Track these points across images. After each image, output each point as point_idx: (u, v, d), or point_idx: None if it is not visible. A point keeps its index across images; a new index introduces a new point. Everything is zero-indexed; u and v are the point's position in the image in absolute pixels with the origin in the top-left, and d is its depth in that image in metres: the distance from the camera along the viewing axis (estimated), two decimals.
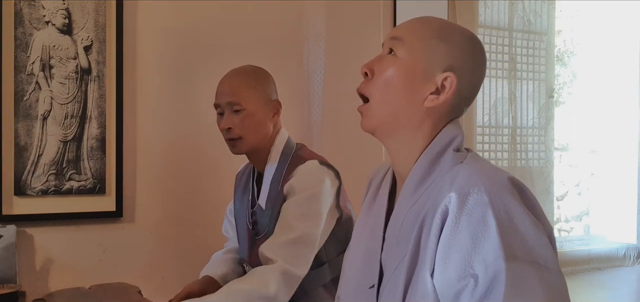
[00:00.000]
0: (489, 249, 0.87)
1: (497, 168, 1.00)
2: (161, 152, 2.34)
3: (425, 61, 1.03)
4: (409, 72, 1.03)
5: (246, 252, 1.82)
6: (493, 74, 3.14)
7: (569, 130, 3.76)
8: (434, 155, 1.03)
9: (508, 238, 0.87)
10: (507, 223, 0.89)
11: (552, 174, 3.36)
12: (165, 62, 2.34)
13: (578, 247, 3.61)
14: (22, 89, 2.11)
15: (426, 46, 1.03)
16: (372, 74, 1.06)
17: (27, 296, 2.04)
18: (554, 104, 3.40)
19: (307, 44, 2.59)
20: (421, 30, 1.05)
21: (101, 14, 2.22)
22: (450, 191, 0.93)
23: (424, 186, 1.02)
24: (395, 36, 1.06)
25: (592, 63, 3.78)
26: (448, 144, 1.04)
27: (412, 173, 1.04)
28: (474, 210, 0.90)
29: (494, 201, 0.90)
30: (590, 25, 3.73)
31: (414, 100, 1.03)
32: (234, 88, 1.71)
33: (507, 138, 3.23)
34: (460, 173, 0.97)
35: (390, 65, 1.04)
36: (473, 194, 0.91)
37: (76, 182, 2.19)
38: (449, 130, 1.05)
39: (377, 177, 1.22)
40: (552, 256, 0.90)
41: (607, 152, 3.78)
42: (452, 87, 1.02)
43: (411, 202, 1.02)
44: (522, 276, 0.85)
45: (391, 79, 1.03)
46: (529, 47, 3.29)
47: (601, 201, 3.82)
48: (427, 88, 1.03)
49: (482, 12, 3.11)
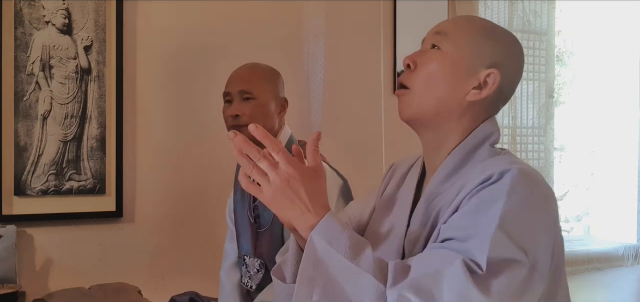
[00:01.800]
0: (491, 214, 0.89)
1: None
2: (161, 152, 2.34)
3: (470, 56, 1.04)
4: (453, 65, 1.04)
5: (249, 245, 1.82)
6: None
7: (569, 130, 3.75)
8: (469, 148, 1.04)
9: (513, 215, 0.89)
10: (521, 205, 0.90)
11: (552, 174, 3.36)
12: (165, 62, 2.34)
13: (578, 247, 3.61)
14: (22, 89, 2.11)
15: (471, 42, 1.05)
16: (415, 66, 1.06)
17: (27, 296, 2.04)
18: (554, 104, 3.40)
19: (307, 44, 2.59)
20: (466, 26, 1.07)
21: (101, 14, 2.22)
22: (484, 173, 0.95)
23: (455, 177, 1.03)
24: (439, 31, 1.07)
25: (592, 63, 3.78)
26: (484, 139, 1.05)
27: (445, 163, 1.05)
28: (503, 181, 0.92)
29: (521, 182, 0.91)
30: (590, 25, 3.73)
31: (456, 93, 1.04)
32: (248, 77, 1.75)
33: (507, 138, 3.23)
34: (496, 160, 0.99)
35: (435, 58, 1.05)
36: (506, 173, 0.92)
37: (76, 182, 2.19)
38: (486, 126, 1.06)
39: (402, 167, 1.21)
40: (543, 259, 0.91)
41: (607, 152, 3.78)
42: (495, 83, 1.04)
43: (440, 190, 1.03)
44: (503, 246, 0.87)
45: (435, 72, 1.04)
46: (529, 47, 3.29)
47: (601, 201, 3.82)
48: (470, 83, 1.04)
49: (482, 12, 3.11)
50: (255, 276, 1.80)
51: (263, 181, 0.91)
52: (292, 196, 0.90)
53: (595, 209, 3.86)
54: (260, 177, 0.91)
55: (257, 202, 1.78)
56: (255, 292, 1.80)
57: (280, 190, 0.90)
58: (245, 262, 1.85)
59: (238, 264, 1.92)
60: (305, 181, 0.91)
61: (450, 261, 0.85)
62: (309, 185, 0.91)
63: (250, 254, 1.82)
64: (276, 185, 0.90)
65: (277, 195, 0.90)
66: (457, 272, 0.83)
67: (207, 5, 2.40)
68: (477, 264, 0.85)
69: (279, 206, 0.91)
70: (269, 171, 0.90)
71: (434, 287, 0.84)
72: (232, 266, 1.95)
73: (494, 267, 0.85)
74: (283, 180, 0.90)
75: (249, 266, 1.82)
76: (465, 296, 0.82)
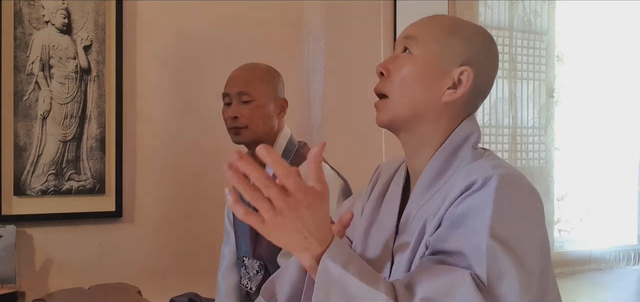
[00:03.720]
0: (480, 223, 0.88)
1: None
2: (161, 152, 2.34)
3: (441, 57, 1.04)
4: (425, 68, 1.04)
5: (248, 246, 1.82)
6: None
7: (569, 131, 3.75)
8: (450, 151, 1.04)
9: (501, 222, 0.89)
10: (508, 210, 0.90)
11: (553, 174, 3.36)
12: (164, 62, 2.34)
13: (578, 248, 3.60)
14: (21, 88, 2.11)
15: (440, 42, 1.04)
16: (388, 72, 1.07)
17: (26, 296, 2.04)
18: (554, 104, 3.39)
19: (307, 44, 2.58)
20: (434, 27, 1.06)
21: (101, 14, 2.21)
22: (467, 179, 0.94)
23: (439, 182, 1.02)
24: (408, 35, 1.07)
25: (592, 63, 3.77)
26: (465, 139, 1.05)
27: (427, 168, 1.04)
28: (488, 188, 0.91)
29: (506, 187, 0.91)
30: (590, 25, 3.72)
31: (431, 95, 1.04)
32: (246, 79, 1.74)
33: (507, 138, 3.23)
34: (479, 165, 0.98)
35: (407, 63, 1.05)
36: (490, 179, 0.92)
37: (76, 182, 2.19)
38: (465, 126, 1.06)
39: (388, 170, 1.21)
40: (535, 260, 0.92)
41: (608, 152, 3.78)
42: (469, 80, 1.03)
43: (425, 198, 1.03)
44: (498, 254, 0.87)
45: (408, 76, 1.04)
46: (529, 47, 3.29)
47: (601, 201, 3.81)
48: (444, 83, 1.04)
49: (483, 12, 3.11)
50: (254, 277, 1.80)
51: (268, 209, 0.79)
52: (299, 226, 0.81)
53: (595, 209, 3.85)
54: (265, 205, 0.78)
55: None
56: (255, 293, 1.80)
57: (287, 218, 0.79)
58: (245, 264, 1.84)
59: (237, 265, 1.92)
60: (313, 209, 0.82)
61: (460, 277, 0.84)
62: (317, 213, 0.82)
63: (249, 255, 1.82)
64: (284, 214, 0.79)
65: (285, 224, 0.80)
66: (469, 289, 0.83)
67: (207, 5, 2.40)
68: (479, 277, 0.85)
69: (282, 235, 0.82)
70: (277, 199, 0.78)
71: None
72: (229, 268, 1.94)
73: (493, 278, 0.85)
74: (292, 209, 0.79)
75: (248, 268, 1.82)
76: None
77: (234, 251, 1.94)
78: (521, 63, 3.26)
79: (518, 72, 3.25)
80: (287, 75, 1.90)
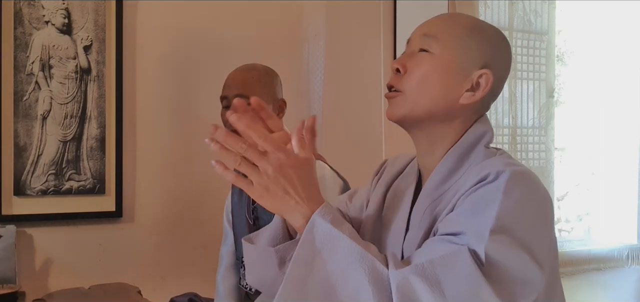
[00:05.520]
0: (487, 212, 0.88)
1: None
2: (161, 152, 2.34)
3: (462, 58, 1.02)
4: (445, 68, 1.02)
5: None
6: None
7: (570, 130, 3.75)
8: (463, 150, 1.03)
9: (509, 212, 0.88)
10: (517, 204, 0.90)
11: (553, 174, 3.36)
12: (164, 62, 2.34)
13: (578, 248, 3.60)
14: (21, 88, 2.11)
15: (461, 43, 1.03)
16: (405, 70, 1.05)
17: (26, 296, 2.04)
18: (554, 104, 3.39)
19: (307, 44, 2.59)
20: (455, 27, 1.05)
21: (101, 14, 2.21)
22: (480, 173, 0.94)
23: (451, 180, 1.02)
24: (428, 33, 1.05)
25: (592, 63, 3.77)
26: (478, 139, 1.04)
27: (439, 166, 1.04)
28: (499, 181, 0.91)
29: (518, 182, 0.91)
30: (591, 25, 3.72)
31: (449, 96, 1.02)
32: (244, 81, 1.73)
33: (507, 138, 3.23)
34: (492, 162, 0.98)
35: (426, 62, 1.03)
36: (502, 173, 0.91)
37: (76, 182, 2.19)
38: (479, 126, 1.05)
39: (394, 165, 1.20)
40: (541, 255, 0.91)
41: (608, 152, 3.78)
42: (489, 84, 1.02)
43: (437, 194, 1.02)
44: (502, 240, 0.86)
45: (428, 75, 1.02)
46: (529, 47, 3.28)
47: (602, 201, 3.81)
48: (463, 85, 1.02)
49: (482, 12, 3.11)
50: None
51: (253, 172, 0.86)
52: (285, 185, 0.86)
53: (595, 209, 3.85)
54: (250, 169, 0.86)
55: (256, 203, 1.78)
56: (254, 294, 1.80)
57: (272, 179, 0.85)
58: (243, 265, 1.84)
59: (236, 266, 1.92)
60: (297, 168, 0.87)
61: (458, 250, 0.84)
62: (301, 172, 0.87)
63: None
64: (268, 174, 0.85)
65: (270, 185, 0.85)
66: (466, 261, 0.83)
67: (207, 5, 2.40)
68: (477, 255, 0.84)
69: (272, 197, 0.87)
70: (259, 160, 0.85)
71: (441, 274, 0.83)
72: (228, 269, 1.94)
73: (492, 261, 0.84)
74: (275, 168, 0.85)
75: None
76: (473, 284, 0.82)
77: (233, 251, 1.93)
78: (521, 63, 3.26)
79: (518, 72, 3.25)
80: (287, 75, 1.90)
